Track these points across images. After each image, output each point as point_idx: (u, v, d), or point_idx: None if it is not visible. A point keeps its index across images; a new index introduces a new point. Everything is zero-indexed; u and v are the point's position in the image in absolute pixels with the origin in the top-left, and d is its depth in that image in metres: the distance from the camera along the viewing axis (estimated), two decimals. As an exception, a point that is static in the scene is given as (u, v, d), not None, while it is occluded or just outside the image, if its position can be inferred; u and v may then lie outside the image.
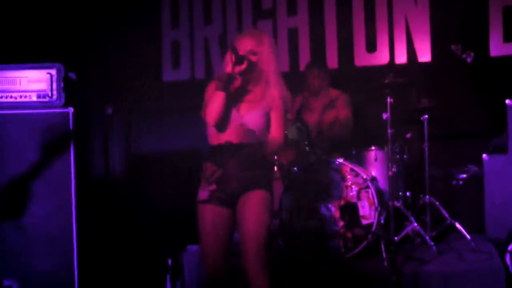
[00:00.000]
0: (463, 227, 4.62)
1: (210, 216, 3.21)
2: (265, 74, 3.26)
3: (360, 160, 4.91)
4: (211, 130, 3.28)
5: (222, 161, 3.21)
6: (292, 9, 6.04)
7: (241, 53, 3.17)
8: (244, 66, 3.15)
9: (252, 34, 3.37)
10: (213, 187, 3.21)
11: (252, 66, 3.20)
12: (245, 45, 3.22)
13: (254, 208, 3.17)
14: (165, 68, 6.37)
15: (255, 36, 3.29)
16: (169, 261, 4.23)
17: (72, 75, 4.31)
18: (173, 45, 6.36)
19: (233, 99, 3.22)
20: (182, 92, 6.15)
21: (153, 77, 6.30)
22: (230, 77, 3.17)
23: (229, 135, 3.23)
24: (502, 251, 4.20)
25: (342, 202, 4.51)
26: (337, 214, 4.48)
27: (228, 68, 3.19)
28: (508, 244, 4.12)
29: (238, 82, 3.21)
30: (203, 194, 3.24)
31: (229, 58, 3.21)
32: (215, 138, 3.27)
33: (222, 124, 3.21)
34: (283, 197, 4.56)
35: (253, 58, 3.21)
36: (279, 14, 6.07)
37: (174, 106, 6.07)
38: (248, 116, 3.24)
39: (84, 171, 4.27)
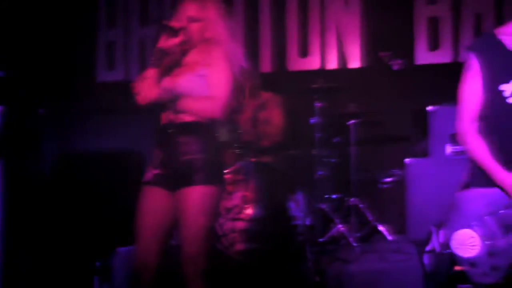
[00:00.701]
0: (388, 229, 4.78)
1: (150, 198, 3.02)
2: (210, 40, 3.01)
3: (292, 162, 5.00)
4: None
5: (163, 144, 3.02)
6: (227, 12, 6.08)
7: (180, 20, 2.96)
8: (179, 39, 2.97)
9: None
10: (157, 171, 3.03)
11: (189, 37, 2.98)
12: (185, 11, 2.99)
13: (192, 210, 2.91)
14: (99, 69, 6.33)
15: (198, 1, 3.00)
16: (97, 263, 4.21)
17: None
18: (108, 45, 6.32)
19: (169, 70, 3.02)
20: (116, 93, 6.11)
21: (87, 77, 6.25)
22: (162, 52, 2.98)
23: (170, 113, 2.99)
24: (421, 251, 4.35)
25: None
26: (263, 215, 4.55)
27: (161, 43, 2.99)
28: (426, 245, 4.27)
29: (175, 56, 3.02)
30: (147, 175, 3.06)
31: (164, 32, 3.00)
32: (161, 118, 3.05)
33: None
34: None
35: (194, 26, 2.98)
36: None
37: (108, 106, 6.03)
38: (181, 80, 2.98)
39: (14, 171, 4.21)
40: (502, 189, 2.52)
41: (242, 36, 6.01)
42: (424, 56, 5.60)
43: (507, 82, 2.53)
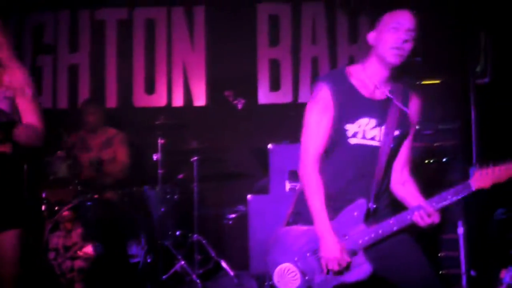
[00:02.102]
0: (231, 264, 4.85)
1: None
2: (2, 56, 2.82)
3: (134, 199, 4.94)
4: None
5: None
6: (73, 46, 5.99)
7: None
8: None
9: None
10: None
11: None
12: None
13: (7, 257, 2.70)
14: None
15: None
16: None
17: None
18: None
19: None
20: None
21: None
22: None
23: None
24: (262, 285, 4.46)
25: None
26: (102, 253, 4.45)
27: None
28: (268, 280, 4.38)
29: None
30: None
31: None
32: None
33: None
34: (49, 236, 4.42)
35: None
36: (60, 49, 5.99)
37: None
38: None
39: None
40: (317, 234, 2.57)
41: (88, 70, 5.95)
42: (266, 95, 5.84)
43: (352, 122, 2.57)
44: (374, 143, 2.61)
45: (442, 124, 4.47)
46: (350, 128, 2.58)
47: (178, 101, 5.87)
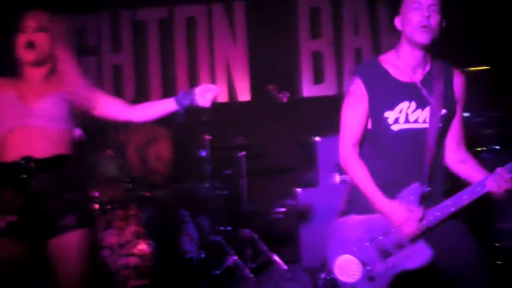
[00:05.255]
0: (282, 258, 4.85)
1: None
2: (60, 57, 2.76)
3: (183, 196, 4.98)
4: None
5: (18, 185, 2.56)
6: (116, 47, 6.06)
7: (28, 31, 2.67)
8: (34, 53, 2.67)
9: (38, 11, 2.77)
10: (13, 218, 2.56)
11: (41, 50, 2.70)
12: (33, 21, 2.71)
13: (73, 258, 2.64)
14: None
15: (47, 13, 2.76)
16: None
17: None
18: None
19: (20, 92, 2.67)
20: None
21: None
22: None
23: (23, 146, 2.58)
24: (316, 278, 4.46)
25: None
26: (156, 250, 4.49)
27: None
28: (321, 272, 4.38)
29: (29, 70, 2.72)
30: None
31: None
32: (6, 153, 2.60)
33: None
34: (103, 234, 4.48)
35: (42, 36, 2.70)
36: (103, 50, 6.07)
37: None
38: (40, 104, 2.65)
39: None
40: (381, 214, 2.56)
41: (132, 70, 6.01)
42: (310, 89, 5.82)
43: (391, 109, 2.58)
44: (419, 125, 2.59)
45: (493, 111, 4.41)
46: (390, 115, 2.58)
47: (222, 96, 5.89)
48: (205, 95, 2.88)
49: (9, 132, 2.62)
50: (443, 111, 2.60)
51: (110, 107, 2.89)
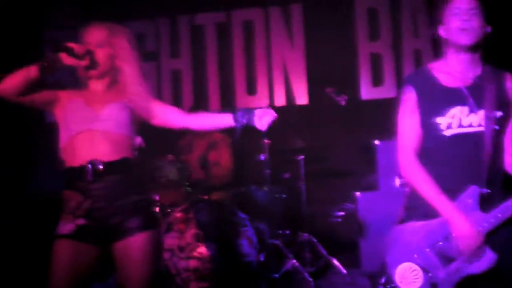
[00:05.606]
0: (341, 262, 4.81)
1: (69, 253, 2.64)
2: (122, 69, 2.81)
3: (243, 200, 5.01)
4: (66, 148, 2.71)
5: (85, 188, 2.65)
6: (174, 52, 6.14)
7: (87, 46, 2.72)
8: (84, 62, 2.70)
9: (102, 24, 2.83)
10: (81, 221, 2.65)
11: (94, 62, 2.74)
12: (93, 36, 2.77)
13: (138, 260, 2.67)
14: None
15: (106, 27, 2.81)
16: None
17: None
18: None
19: (86, 99, 2.76)
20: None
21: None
22: (56, 62, 2.64)
23: (89, 150, 2.67)
24: (376, 283, 4.40)
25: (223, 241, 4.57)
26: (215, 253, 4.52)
27: (68, 60, 2.66)
28: (381, 277, 4.33)
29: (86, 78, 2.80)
30: (66, 227, 2.65)
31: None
32: (72, 157, 2.69)
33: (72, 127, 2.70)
34: (164, 237, 4.55)
35: (102, 52, 2.76)
36: (162, 56, 6.16)
37: None
38: (106, 110, 2.74)
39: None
40: (443, 218, 2.51)
41: (190, 75, 6.09)
42: (369, 91, 5.76)
43: (443, 115, 2.57)
44: (474, 129, 2.56)
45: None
46: (443, 121, 2.57)
47: (280, 100, 5.89)
48: (263, 118, 2.90)
49: (76, 136, 2.70)
50: (499, 113, 2.58)
51: (168, 116, 2.94)
